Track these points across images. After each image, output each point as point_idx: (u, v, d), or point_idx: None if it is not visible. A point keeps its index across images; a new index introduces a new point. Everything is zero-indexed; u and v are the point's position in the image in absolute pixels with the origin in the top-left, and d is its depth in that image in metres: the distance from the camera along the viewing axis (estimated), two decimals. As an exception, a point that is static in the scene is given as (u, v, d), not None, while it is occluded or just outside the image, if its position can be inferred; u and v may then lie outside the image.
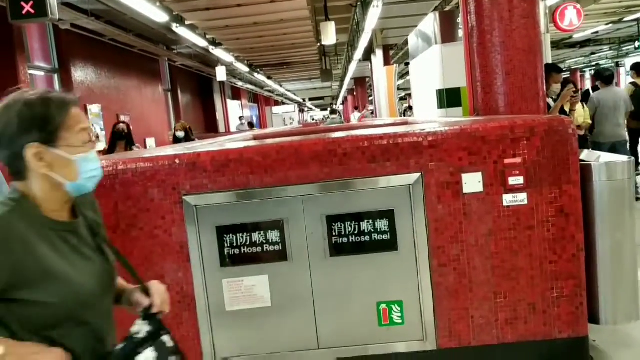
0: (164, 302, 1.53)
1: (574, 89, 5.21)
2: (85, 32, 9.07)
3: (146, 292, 1.54)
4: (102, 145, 9.67)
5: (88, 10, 8.31)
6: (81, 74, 9.42)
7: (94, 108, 9.55)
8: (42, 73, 8.75)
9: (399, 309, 2.75)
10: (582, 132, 5.92)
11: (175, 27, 9.16)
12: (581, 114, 5.91)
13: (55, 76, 8.98)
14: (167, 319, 2.89)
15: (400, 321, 2.76)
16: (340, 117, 22.26)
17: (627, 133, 6.97)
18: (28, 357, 1.28)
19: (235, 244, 2.74)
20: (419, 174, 2.68)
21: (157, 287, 1.56)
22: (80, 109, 1.46)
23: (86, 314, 1.40)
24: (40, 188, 1.39)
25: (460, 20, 5.24)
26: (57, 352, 1.31)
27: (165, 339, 1.47)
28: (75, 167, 1.40)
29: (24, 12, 5.45)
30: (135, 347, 1.40)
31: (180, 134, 9.05)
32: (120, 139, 6.37)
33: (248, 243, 2.74)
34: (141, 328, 1.44)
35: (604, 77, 7.07)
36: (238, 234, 2.73)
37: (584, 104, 6.10)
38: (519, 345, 2.74)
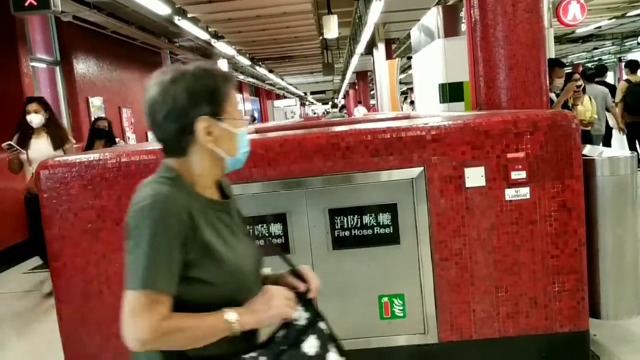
0: (317, 287, 1.48)
1: (577, 84, 5.20)
2: (87, 25, 9.05)
3: (299, 276, 1.48)
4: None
5: (90, 2, 8.29)
6: (83, 66, 9.40)
7: (96, 101, 9.55)
8: (44, 65, 8.74)
9: (401, 302, 2.76)
10: (589, 128, 5.89)
11: (177, 20, 9.14)
12: (588, 109, 5.85)
13: (57, 68, 8.97)
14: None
15: (402, 314, 2.77)
16: (342, 111, 22.22)
17: (604, 127, 7.78)
18: (256, 305, 1.31)
19: (237, 237, 2.74)
20: (421, 168, 2.68)
21: (310, 272, 1.50)
22: (83, 102, 1.43)
23: (244, 297, 1.36)
24: (201, 164, 1.34)
25: (463, 14, 5.23)
26: (274, 287, 1.34)
27: (322, 325, 1.42)
28: (236, 142, 1.36)
29: (26, 4, 5.44)
30: (298, 334, 1.36)
31: None
32: (100, 137, 5.92)
33: (250, 236, 2.74)
34: (300, 314, 1.39)
35: (586, 76, 8.08)
36: (241, 227, 2.74)
37: (591, 98, 6.08)
38: (520, 338, 2.75)
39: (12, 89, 7.19)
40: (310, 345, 1.36)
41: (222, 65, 14.34)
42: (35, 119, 4.89)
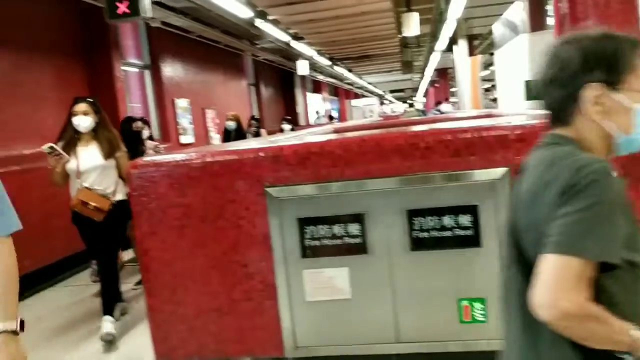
0: None
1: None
2: (174, 29, 9.46)
3: None
4: (190, 138, 10.09)
5: (177, 7, 8.66)
6: (170, 69, 9.83)
7: (182, 102, 9.96)
8: (135, 69, 9.22)
9: (482, 306, 2.69)
10: None
11: (259, 23, 9.36)
12: None
13: (147, 72, 9.44)
14: (248, 307, 2.97)
15: (483, 319, 2.69)
16: (420, 109, 21.93)
17: None
18: None
19: (316, 236, 2.78)
20: (505, 169, 2.59)
21: None
22: (169, 104, 1.38)
23: None
24: (589, 137, 1.22)
25: (550, 7, 5.02)
26: None
27: None
28: (631, 118, 1.19)
29: (119, 11, 5.77)
30: None
31: (232, 124, 8.57)
32: (137, 139, 5.66)
33: (329, 235, 2.77)
34: None
35: None
36: (319, 226, 2.77)
37: None
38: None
39: (106, 92, 7.64)
40: None
41: (303, 66, 14.53)
42: (84, 122, 4.07)
